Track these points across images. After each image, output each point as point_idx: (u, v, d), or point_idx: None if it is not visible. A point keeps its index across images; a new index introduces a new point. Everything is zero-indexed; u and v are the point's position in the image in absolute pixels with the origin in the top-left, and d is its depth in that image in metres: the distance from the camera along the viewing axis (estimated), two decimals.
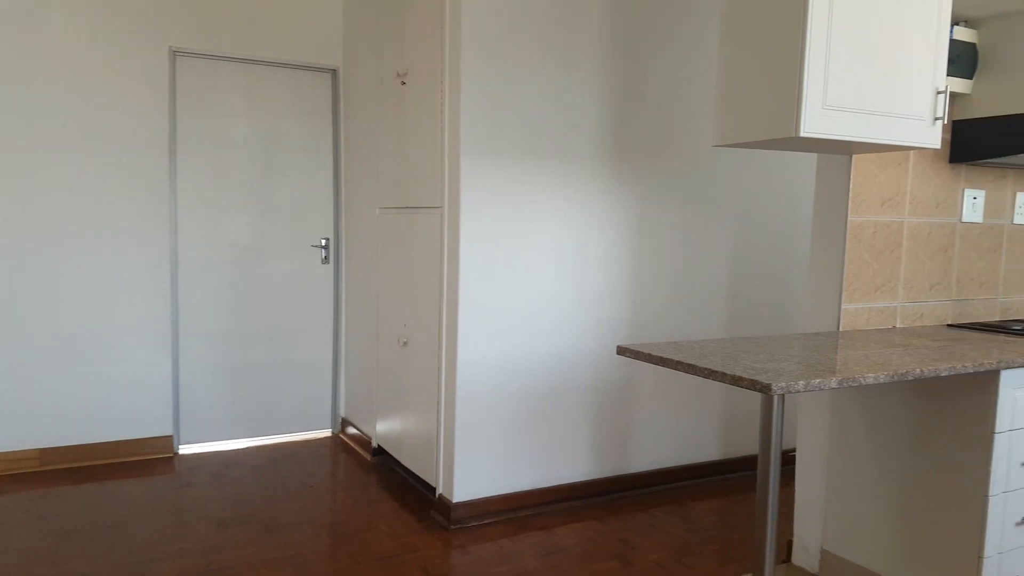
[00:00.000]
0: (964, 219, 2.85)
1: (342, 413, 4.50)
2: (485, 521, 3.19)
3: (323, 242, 4.38)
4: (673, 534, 3.12)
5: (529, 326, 3.24)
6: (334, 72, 4.34)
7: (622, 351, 2.20)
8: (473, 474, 3.17)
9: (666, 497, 3.56)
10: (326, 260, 4.40)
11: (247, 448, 4.20)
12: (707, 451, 3.82)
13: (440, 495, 3.25)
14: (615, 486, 3.54)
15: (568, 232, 3.30)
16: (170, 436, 4.04)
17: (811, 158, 3.97)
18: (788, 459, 3.87)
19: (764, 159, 3.85)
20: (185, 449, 4.12)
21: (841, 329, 2.61)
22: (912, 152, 2.70)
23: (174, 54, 3.96)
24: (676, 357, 2.02)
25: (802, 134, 2.07)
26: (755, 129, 2.20)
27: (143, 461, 3.94)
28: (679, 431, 3.72)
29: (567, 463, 3.41)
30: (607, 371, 3.48)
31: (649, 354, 2.10)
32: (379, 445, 3.96)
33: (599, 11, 3.27)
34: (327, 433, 4.50)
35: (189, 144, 4.04)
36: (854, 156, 2.58)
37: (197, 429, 4.15)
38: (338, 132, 4.37)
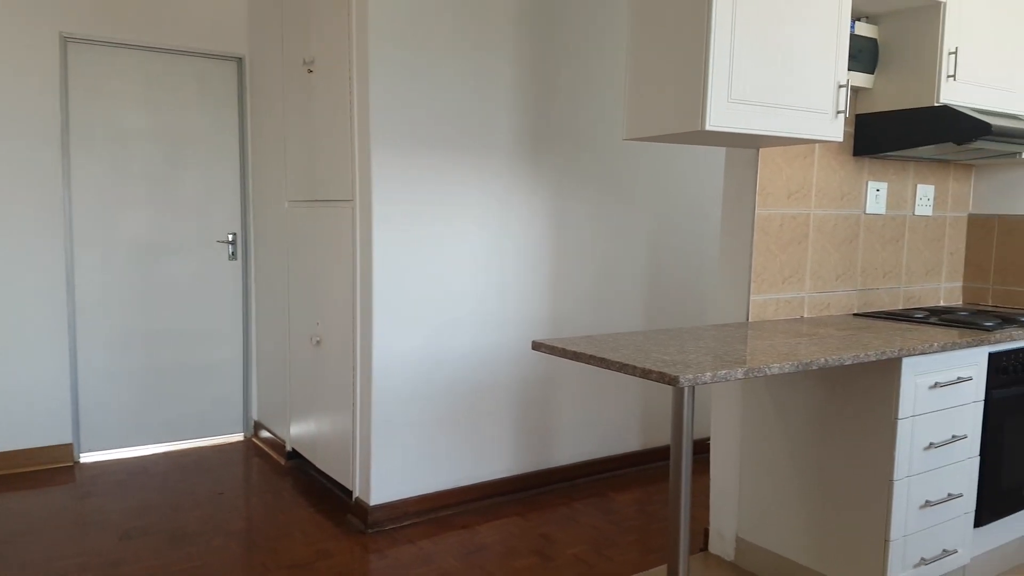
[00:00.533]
0: (868, 211, 2.93)
1: (254, 416, 4.34)
2: (404, 523, 3.12)
3: (230, 237, 4.20)
4: (594, 526, 3.12)
5: (447, 322, 3.18)
6: (239, 60, 4.16)
7: (537, 346, 2.17)
8: (391, 475, 3.09)
9: (588, 489, 3.56)
10: (233, 256, 4.22)
11: (153, 455, 4.00)
12: (628, 442, 3.84)
13: (357, 498, 3.16)
14: (538, 481, 3.52)
15: (486, 225, 3.25)
16: (70, 444, 3.81)
17: (724, 152, 4.04)
18: (704, 448, 3.93)
19: (680, 152, 3.88)
20: (87, 457, 3.89)
21: (751, 320, 2.65)
22: (817, 145, 2.76)
23: (65, 40, 3.71)
24: (589, 351, 2.00)
25: (708, 127, 2.07)
26: (663, 123, 2.20)
27: (41, 472, 3.70)
28: (601, 423, 3.73)
29: (489, 460, 3.37)
30: (529, 366, 3.45)
31: (563, 349, 2.08)
32: (293, 449, 3.83)
33: (512, 0, 3.23)
34: (239, 437, 4.33)
35: (84, 136, 3.80)
36: (761, 150, 2.62)
37: (99, 436, 3.93)
38: (244, 123, 4.19)
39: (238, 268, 4.24)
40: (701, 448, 3.91)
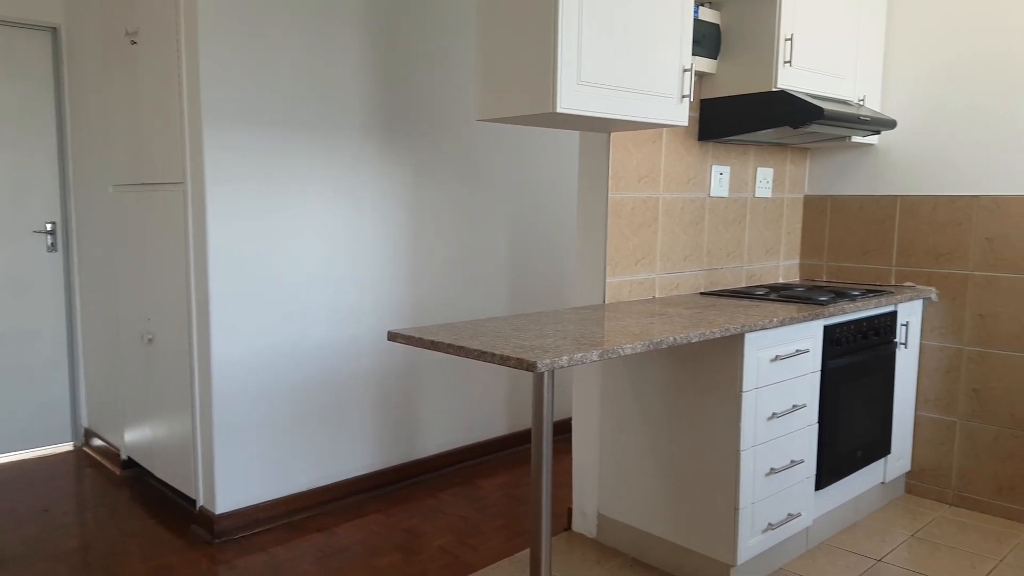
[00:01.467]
0: (712, 194, 3.03)
1: (84, 423, 3.95)
2: (256, 530, 2.93)
3: (49, 227, 3.78)
4: (460, 516, 3.07)
5: (296, 313, 3.00)
6: (54, 30, 3.73)
7: (393, 337, 2.07)
8: (239, 481, 2.89)
9: (455, 479, 3.50)
10: (53, 247, 3.80)
11: None
12: (495, 427, 3.82)
13: (201, 507, 2.93)
14: (402, 474, 3.42)
15: (338, 209, 3.09)
16: None
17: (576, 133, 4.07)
18: (569, 427, 3.98)
19: (540, 135, 3.87)
20: None
21: (607, 302, 2.67)
22: (664, 130, 2.81)
23: None
24: (447, 340, 1.93)
25: (559, 110, 2.04)
26: (514, 104, 2.15)
27: None
28: (467, 410, 3.68)
29: (348, 457, 3.23)
30: (389, 356, 3.33)
31: (420, 338, 1.99)
32: (129, 457, 3.51)
33: None
34: (67, 447, 3.93)
35: None
36: (612, 134, 2.63)
37: None
38: (62, 99, 3.77)
39: (59, 260, 3.82)
40: (565, 428, 3.96)
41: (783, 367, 2.45)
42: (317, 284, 3.05)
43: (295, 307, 2.99)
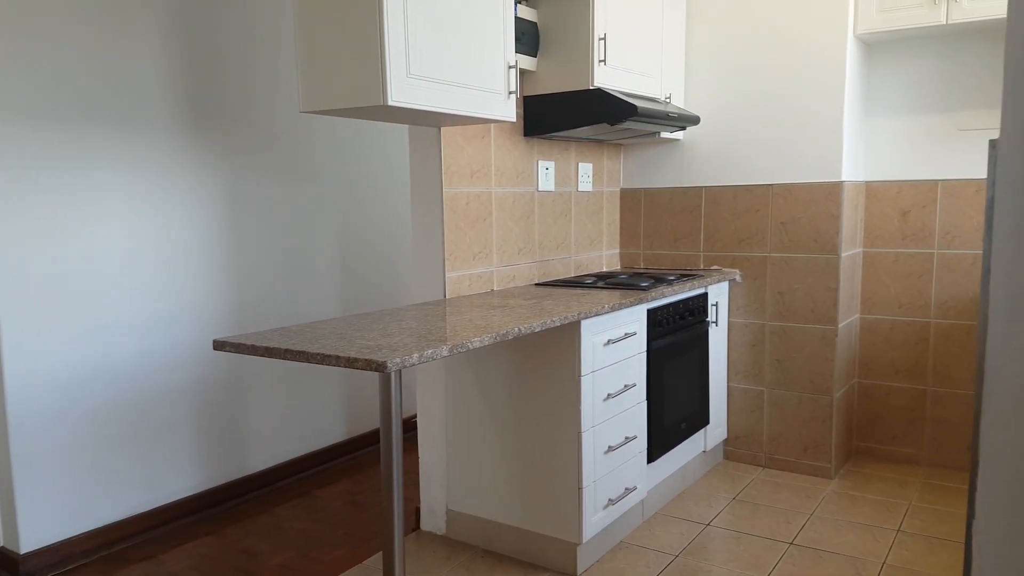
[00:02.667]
0: (540, 188, 3.14)
1: None
2: (69, 567, 2.65)
3: None
4: (300, 529, 2.95)
5: (101, 325, 2.74)
6: None
7: (220, 346, 1.95)
8: (45, 514, 2.60)
9: (292, 491, 3.36)
10: None
11: None
12: (332, 434, 3.71)
13: (2, 548, 2.60)
14: (233, 492, 3.23)
15: (146, 210, 2.86)
16: None
17: (405, 128, 4.05)
18: (412, 426, 3.95)
19: (366, 127, 3.80)
20: None
21: (447, 297, 2.69)
22: (492, 126, 2.87)
23: None
24: (284, 346, 1.85)
25: (390, 103, 2.02)
26: (341, 96, 2.10)
27: None
28: (300, 418, 3.54)
29: (171, 478, 3.00)
30: (211, 367, 3.13)
31: (253, 345, 1.89)
32: None
33: None
34: None
35: None
36: (443, 129, 2.64)
37: None
38: None
39: None
40: (409, 427, 3.92)
41: (615, 350, 2.59)
42: (125, 291, 2.81)
43: (101, 317, 2.73)
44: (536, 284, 3.09)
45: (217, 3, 3.06)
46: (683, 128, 3.27)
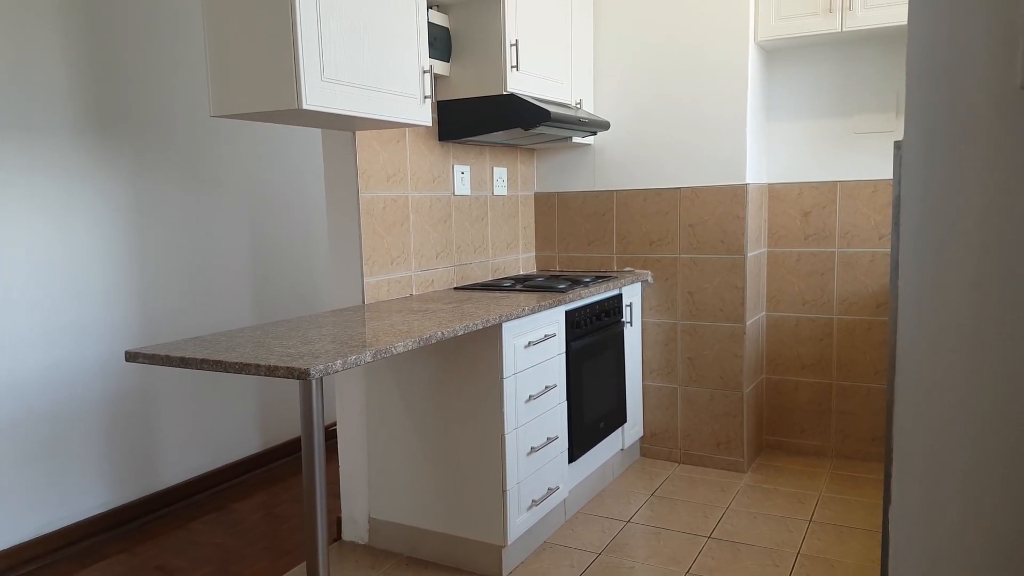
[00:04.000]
0: (456, 192, 3.15)
1: None
2: None
3: None
4: (217, 544, 2.86)
5: (7, 340, 2.58)
6: None
7: (132, 356, 1.87)
8: None
9: (207, 506, 3.24)
10: None
11: None
12: (247, 445, 3.60)
13: None
14: (146, 508, 3.09)
15: (46, 218, 2.71)
16: None
17: (318, 133, 3.98)
18: (331, 434, 3.88)
19: (276, 130, 3.71)
20: None
21: (366, 302, 2.66)
22: (407, 130, 2.86)
23: None
24: (201, 355, 1.79)
25: (305, 107, 1.99)
26: (254, 100, 2.05)
27: None
28: (214, 431, 3.42)
29: (79, 496, 2.85)
30: (120, 380, 2.99)
31: (167, 356, 1.83)
32: None
33: None
34: None
35: None
36: (357, 133, 2.62)
37: None
38: None
39: None
40: (326, 435, 3.85)
41: (535, 352, 2.63)
42: (22, 305, 2.65)
43: (3, 330, 2.57)
44: (455, 288, 3.10)
45: (125, 15, 2.93)
46: (594, 133, 3.35)
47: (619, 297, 3.31)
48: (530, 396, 2.59)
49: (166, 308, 3.19)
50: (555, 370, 2.77)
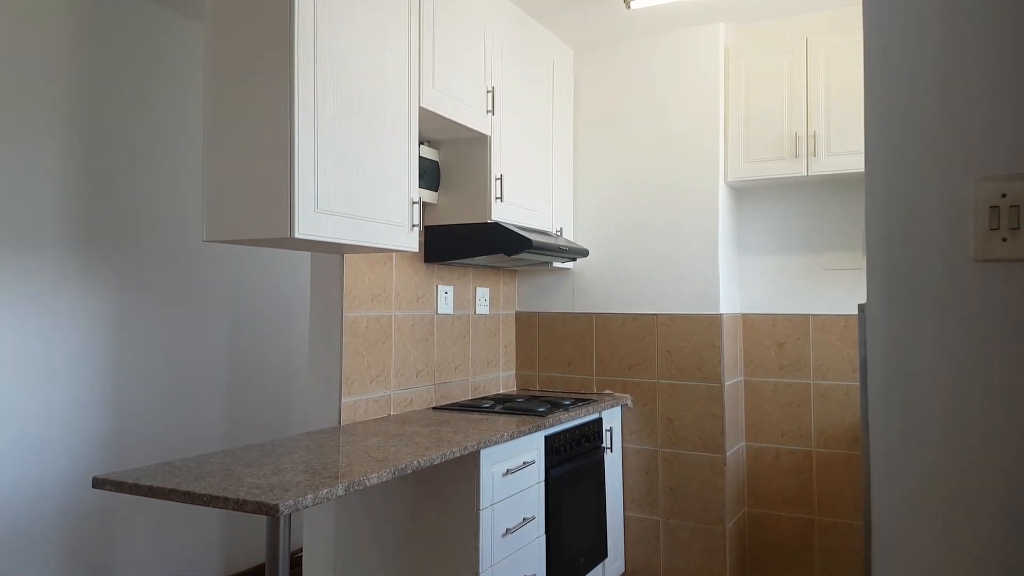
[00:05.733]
0: (439, 311, 3.19)
1: None
2: None
3: None
4: None
5: None
6: None
7: (100, 483, 1.83)
8: None
9: None
10: None
11: None
12: (208, 570, 3.45)
13: None
14: None
15: (25, 331, 2.70)
16: None
17: (305, 253, 4.05)
18: (295, 560, 3.73)
19: (262, 251, 3.77)
20: None
21: (342, 423, 2.63)
22: (395, 253, 2.93)
23: None
24: (170, 485, 1.75)
25: (297, 236, 2.05)
26: (248, 228, 2.11)
27: None
28: (176, 555, 3.28)
29: None
30: (84, 499, 2.90)
31: (135, 484, 1.79)
32: None
33: (59, 71, 2.83)
34: None
35: None
36: (345, 255, 2.68)
37: None
38: None
39: None
40: (291, 561, 3.70)
41: (514, 480, 2.59)
42: None
43: None
44: (434, 408, 3.08)
45: (117, 136, 3.04)
46: (574, 259, 3.43)
47: (599, 421, 3.30)
48: (507, 529, 2.53)
49: (138, 424, 3.13)
50: (534, 500, 2.72)
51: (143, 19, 3.17)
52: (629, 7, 3.06)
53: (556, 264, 3.51)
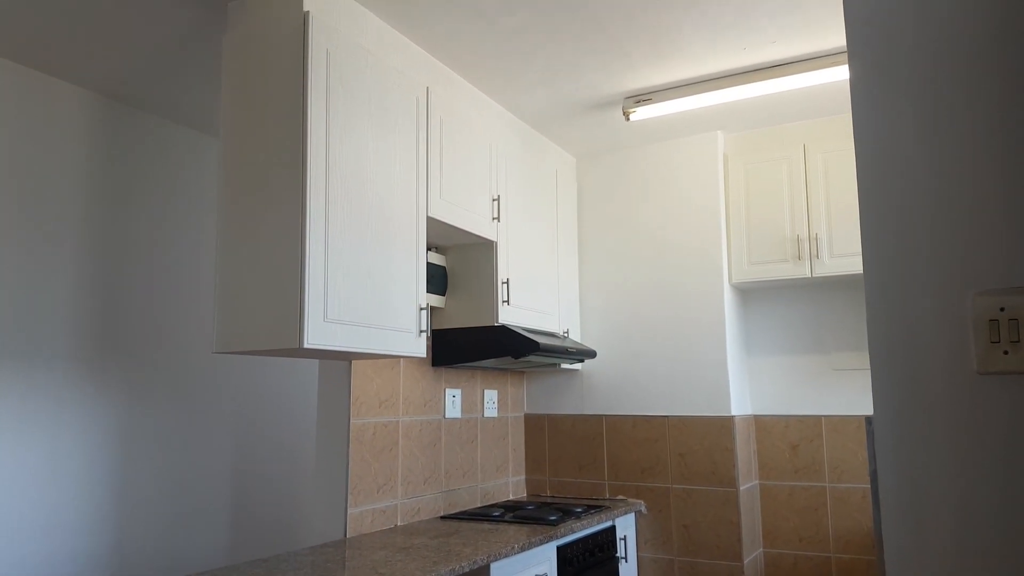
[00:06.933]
0: (447, 415, 3.17)
1: None
2: None
3: None
4: None
5: None
6: None
7: None
8: None
9: None
10: None
11: None
12: None
13: None
14: None
15: (31, 446, 2.69)
16: None
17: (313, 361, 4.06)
18: None
19: (271, 360, 3.79)
20: None
21: (348, 535, 2.58)
22: (403, 357, 2.94)
23: None
24: None
25: (306, 346, 2.07)
26: (258, 339, 2.13)
27: None
28: None
29: None
30: None
31: None
32: None
33: (75, 184, 2.94)
34: None
35: None
36: (353, 362, 2.69)
37: None
38: None
39: None
40: None
41: None
42: (1, 533, 2.56)
43: None
44: (442, 517, 3.02)
45: (132, 250, 3.14)
46: (581, 361, 3.44)
47: (612, 529, 3.22)
48: None
49: (143, 536, 3.07)
50: None
51: (159, 134, 3.32)
52: (628, 119, 3.19)
53: (564, 366, 3.51)
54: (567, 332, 3.52)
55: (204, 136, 3.53)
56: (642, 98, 3.12)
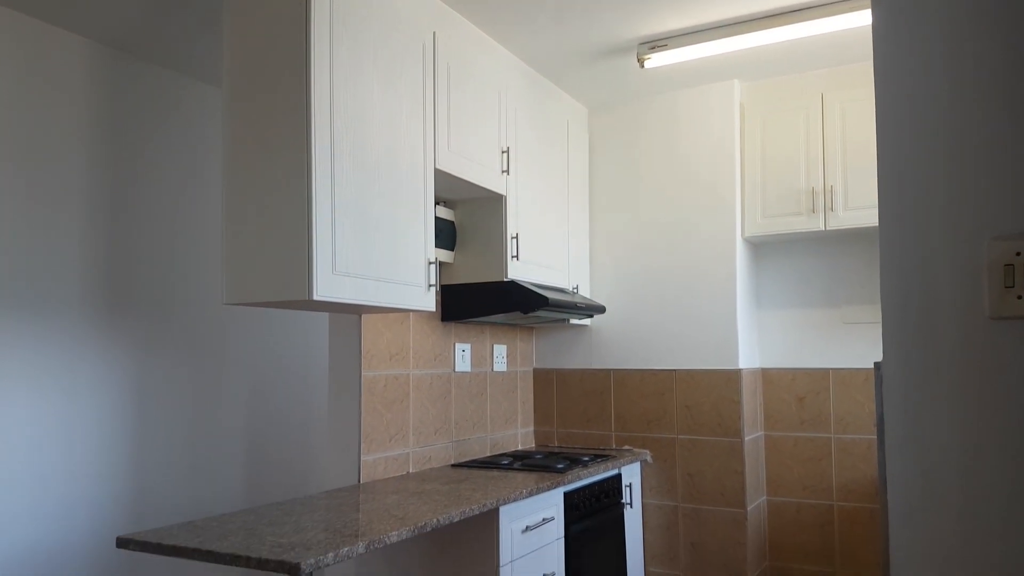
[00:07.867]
0: (457, 369, 3.21)
1: None
2: None
3: None
4: None
5: None
6: None
7: (124, 543, 1.84)
8: None
9: None
10: None
11: None
12: None
13: None
14: None
15: (46, 395, 2.74)
16: None
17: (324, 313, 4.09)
18: None
19: (284, 312, 3.82)
20: None
21: (362, 481, 2.63)
22: (412, 312, 2.96)
23: None
24: (192, 544, 1.77)
25: (315, 298, 2.08)
26: (267, 290, 2.15)
27: None
28: None
29: None
30: (108, 560, 2.89)
31: (159, 543, 1.80)
32: None
33: (80, 137, 2.94)
34: None
35: None
36: (363, 315, 2.71)
37: None
38: None
39: None
40: None
41: (533, 537, 2.57)
42: (15, 483, 2.62)
43: None
44: (452, 465, 3.07)
45: (139, 201, 3.14)
46: (591, 316, 3.46)
47: (618, 477, 3.27)
48: None
49: (160, 484, 3.14)
50: (553, 557, 2.69)
51: (162, 85, 3.29)
52: (643, 67, 3.13)
53: (573, 321, 3.53)
54: (576, 287, 3.53)
55: (208, 86, 3.50)
56: (658, 44, 3.05)
